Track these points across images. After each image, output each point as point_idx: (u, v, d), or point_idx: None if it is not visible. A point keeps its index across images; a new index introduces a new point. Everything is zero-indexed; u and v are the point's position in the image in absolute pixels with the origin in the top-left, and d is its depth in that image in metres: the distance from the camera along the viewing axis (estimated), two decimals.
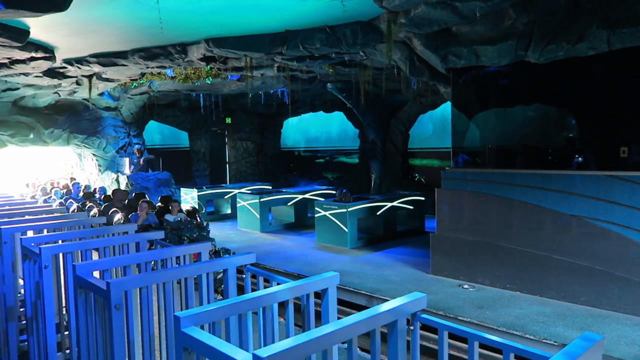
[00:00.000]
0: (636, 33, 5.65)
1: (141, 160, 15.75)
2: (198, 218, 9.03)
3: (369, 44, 8.17)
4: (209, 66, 10.48)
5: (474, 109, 8.21)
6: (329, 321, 2.49)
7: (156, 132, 18.73)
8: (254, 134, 20.29)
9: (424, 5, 6.42)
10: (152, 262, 3.45)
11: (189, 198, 14.28)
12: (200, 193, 14.14)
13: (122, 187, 14.55)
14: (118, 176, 15.16)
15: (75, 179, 14.98)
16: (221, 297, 3.60)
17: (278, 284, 2.76)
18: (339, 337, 1.81)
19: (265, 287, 2.59)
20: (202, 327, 2.18)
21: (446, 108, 13.80)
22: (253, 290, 3.24)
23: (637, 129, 6.43)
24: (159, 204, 9.76)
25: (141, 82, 12.90)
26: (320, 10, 7.21)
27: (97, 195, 12.10)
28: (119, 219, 8.79)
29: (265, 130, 20.62)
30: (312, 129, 20.19)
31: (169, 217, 8.89)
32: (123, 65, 10.29)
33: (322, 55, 9.19)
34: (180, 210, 9.31)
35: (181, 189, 15.04)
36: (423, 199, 11.71)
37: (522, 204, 6.89)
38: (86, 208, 9.97)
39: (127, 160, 15.78)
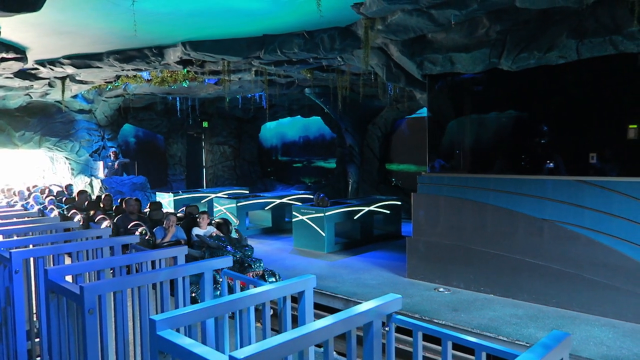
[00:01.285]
0: (603, 43, 5.85)
1: (116, 164, 15.50)
2: (237, 233, 7.44)
3: (347, 49, 8.24)
4: (185, 69, 10.40)
5: (449, 114, 8.35)
6: (306, 323, 2.51)
7: (131, 136, 18.47)
8: (231, 138, 20.18)
9: (400, 13, 6.52)
10: (127, 267, 3.41)
11: (166, 203, 14.10)
12: (176, 197, 13.98)
13: (96, 191, 14.28)
14: (92, 180, 14.89)
15: (72, 185, 13.93)
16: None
17: (255, 287, 2.76)
18: (315, 338, 1.83)
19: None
20: (177, 331, 2.18)
21: (422, 114, 13.96)
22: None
23: (605, 136, 6.64)
24: (179, 214, 8.72)
25: (116, 84, 12.71)
26: (298, 15, 7.25)
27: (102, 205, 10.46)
28: (142, 234, 7.45)
29: (242, 135, 20.53)
30: (290, 133, 20.19)
31: (198, 232, 7.54)
32: (97, 67, 10.14)
33: (300, 60, 9.22)
34: (210, 223, 7.96)
35: (157, 193, 14.85)
36: (399, 203, 11.82)
37: (495, 209, 7.03)
38: (96, 220, 8.54)
39: (101, 164, 15.51)
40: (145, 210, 9.17)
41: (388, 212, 11.51)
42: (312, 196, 12.59)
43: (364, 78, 11.30)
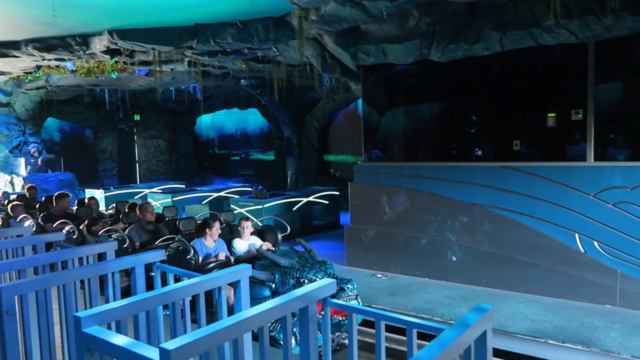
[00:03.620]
0: (524, 35, 6.17)
1: (39, 160, 14.60)
2: (305, 247, 5.60)
3: (281, 40, 8.18)
4: (113, 59, 9.93)
5: (383, 105, 8.52)
6: None
7: (56, 130, 17.43)
8: (165, 132, 19.55)
9: (333, 3, 6.55)
10: (52, 265, 3.22)
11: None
12: (107, 194, 13.38)
13: (18, 189, 13.37)
14: (12, 178, 13.93)
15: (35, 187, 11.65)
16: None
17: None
18: (250, 325, 1.81)
19: None
20: (109, 327, 2.08)
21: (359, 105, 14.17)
22: None
23: (527, 124, 7.04)
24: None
25: (37, 75, 11.93)
26: (230, 4, 7.11)
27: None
28: (178, 250, 5.68)
29: (177, 128, 19.95)
30: (227, 126, 19.85)
31: (240, 245, 6.11)
32: (15, 56, 9.46)
33: (235, 50, 9.06)
34: (253, 232, 6.46)
35: (86, 190, 14.14)
36: (338, 193, 11.96)
37: (429, 195, 7.28)
38: (100, 233, 6.41)
39: (22, 160, 14.54)
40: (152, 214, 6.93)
41: (327, 202, 11.62)
42: (250, 189, 12.48)
43: (300, 69, 11.29)
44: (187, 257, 5.41)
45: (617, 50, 6.06)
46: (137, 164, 19.15)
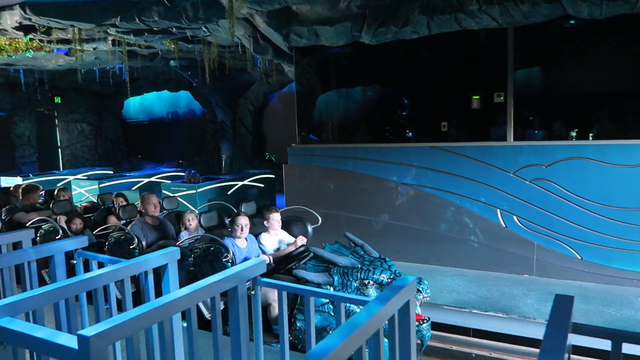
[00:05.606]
0: (450, 20, 6.37)
1: None
2: (355, 242, 4.90)
3: (211, 19, 7.93)
4: (28, 37, 9.21)
5: (317, 87, 8.54)
6: None
7: None
8: (90, 115, 18.51)
9: None
10: None
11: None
12: (26, 182, 12.52)
13: None
14: None
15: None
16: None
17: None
18: (176, 307, 1.77)
19: None
20: (27, 319, 1.97)
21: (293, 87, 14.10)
22: None
23: (452, 106, 7.33)
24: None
25: None
26: None
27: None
28: (209, 252, 4.65)
29: (103, 111, 18.94)
30: (157, 109, 19.08)
31: (269, 241, 5.24)
32: None
33: (162, 29, 8.68)
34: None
35: (1, 177, 13.17)
36: (273, 176, 11.92)
37: (362, 176, 7.42)
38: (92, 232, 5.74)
39: None
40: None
41: (262, 185, 11.56)
42: (183, 173, 12.16)
43: (232, 50, 11.03)
44: (224, 259, 4.50)
45: (534, 36, 6.42)
46: (59, 150, 18.04)
